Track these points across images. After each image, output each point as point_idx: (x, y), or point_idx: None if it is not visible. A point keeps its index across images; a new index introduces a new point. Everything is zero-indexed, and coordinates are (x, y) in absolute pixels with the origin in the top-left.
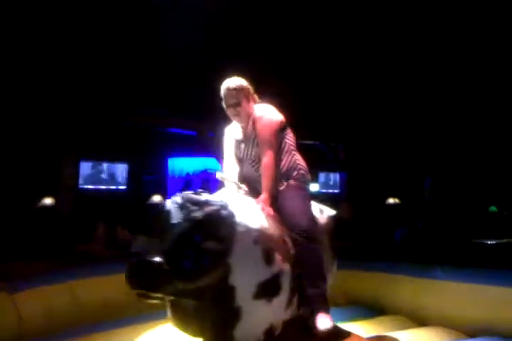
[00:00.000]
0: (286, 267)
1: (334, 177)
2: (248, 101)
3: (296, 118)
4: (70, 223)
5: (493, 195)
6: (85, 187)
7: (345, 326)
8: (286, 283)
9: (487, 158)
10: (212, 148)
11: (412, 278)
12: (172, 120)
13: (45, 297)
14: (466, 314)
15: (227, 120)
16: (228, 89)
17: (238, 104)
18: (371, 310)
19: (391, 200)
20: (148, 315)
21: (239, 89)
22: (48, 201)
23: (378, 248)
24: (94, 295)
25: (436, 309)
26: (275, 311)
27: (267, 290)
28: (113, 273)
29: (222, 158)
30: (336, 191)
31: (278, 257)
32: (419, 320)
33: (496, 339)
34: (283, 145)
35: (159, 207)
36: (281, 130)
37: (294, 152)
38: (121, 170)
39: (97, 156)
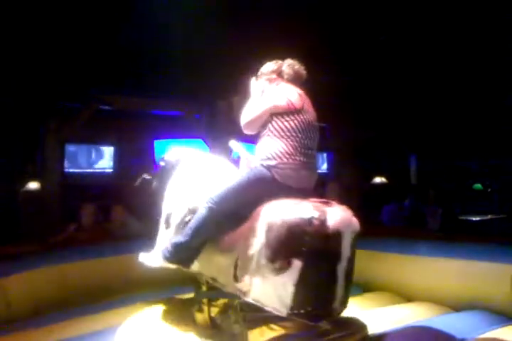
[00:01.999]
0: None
1: (322, 157)
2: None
3: None
4: (57, 207)
5: (478, 172)
6: (71, 170)
7: None
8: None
9: (471, 136)
10: (198, 129)
11: (399, 254)
12: (157, 101)
13: (33, 281)
14: (452, 289)
15: (212, 102)
16: None
17: None
18: (359, 287)
19: (378, 179)
20: (136, 298)
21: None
22: (33, 185)
23: (365, 226)
24: (82, 278)
25: (422, 285)
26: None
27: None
28: (100, 257)
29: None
30: (323, 171)
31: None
32: (406, 296)
33: (481, 313)
34: (270, 127)
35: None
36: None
37: (280, 139)
38: (107, 153)
39: (82, 139)
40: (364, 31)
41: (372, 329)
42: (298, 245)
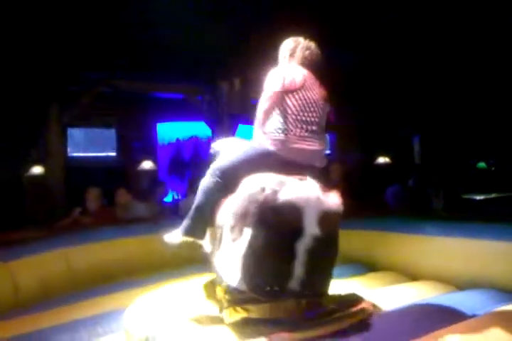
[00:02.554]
0: None
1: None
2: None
3: None
4: (61, 191)
5: (482, 151)
6: (74, 154)
7: (341, 283)
8: None
9: (475, 115)
10: (200, 112)
11: (403, 234)
12: (159, 84)
13: (41, 264)
14: (457, 268)
15: (214, 83)
16: None
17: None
18: (364, 267)
19: (381, 159)
20: (142, 280)
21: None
22: (37, 170)
23: (370, 206)
24: (89, 261)
25: (428, 264)
26: None
27: None
28: (106, 239)
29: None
30: (327, 152)
31: None
32: (411, 275)
33: (488, 291)
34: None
35: None
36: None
37: (284, 116)
38: (109, 136)
39: (85, 123)
40: (371, 11)
41: (379, 308)
42: (250, 214)
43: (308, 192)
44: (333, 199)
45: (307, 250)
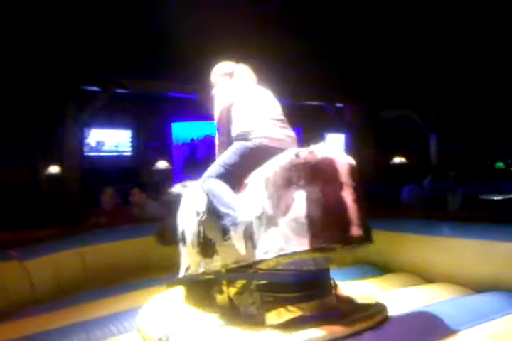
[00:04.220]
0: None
1: (340, 138)
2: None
3: (302, 79)
4: (77, 190)
5: (500, 151)
6: (90, 154)
7: (355, 284)
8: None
9: (493, 114)
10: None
11: (419, 235)
12: (174, 84)
13: (56, 263)
14: (473, 270)
15: None
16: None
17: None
18: (379, 268)
19: (397, 159)
20: (157, 280)
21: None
22: (54, 169)
23: (385, 207)
24: (104, 260)
25: (443, 266)
26: None
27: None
28: (121, 239)
29: None
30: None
31: None
32: (426, 277)
33: (504, 295)
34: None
35: None
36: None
37: (245, 118)
38: (125, 136)
39: (101, 123)
40: (382, 9)
41: (393, 311)
42: (294, 180)
43: (333, 149)
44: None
45: (351, 198)
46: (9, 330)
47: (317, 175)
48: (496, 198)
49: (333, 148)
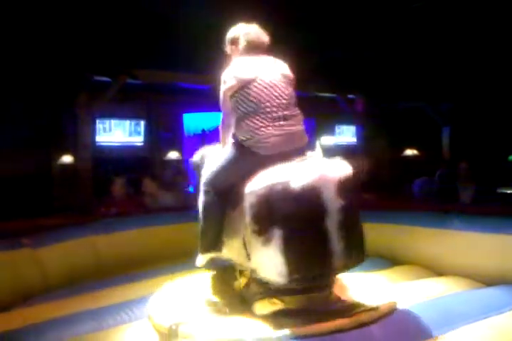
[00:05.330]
0: None
1: (351, 129)
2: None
3: (313, 71)
4: (90, 179)
5: None
6: (102, 144)
7: (364, 276)
8: None
9: (507, 106)
10: None
11: (429, 228)
12: (186, 75)
13: (68, 252)
14: (483, 263)
15: None
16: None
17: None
18: (388, 261)
19: (409, 152)
20: (167, 268)
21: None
22: (67, 159)
23: (397, 199)
24: (116, 249)
25: (453, 259)
26: None
27: None
28: (132, 228)
29: None
30: (353, 143)
31: None
32: (436, 270)
33: None
34: (235, 108)
35: None
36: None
37: (247, 115)
38: (137, 126)
39: (113, 113)
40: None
41: (402, 303)
42: (272, 213)
43: (316, 170)
44: (341, 166)
45: (337, 224)
46: (21, 317)
47: (295, 210)
48: (510, 191)
49: (321, 163)
